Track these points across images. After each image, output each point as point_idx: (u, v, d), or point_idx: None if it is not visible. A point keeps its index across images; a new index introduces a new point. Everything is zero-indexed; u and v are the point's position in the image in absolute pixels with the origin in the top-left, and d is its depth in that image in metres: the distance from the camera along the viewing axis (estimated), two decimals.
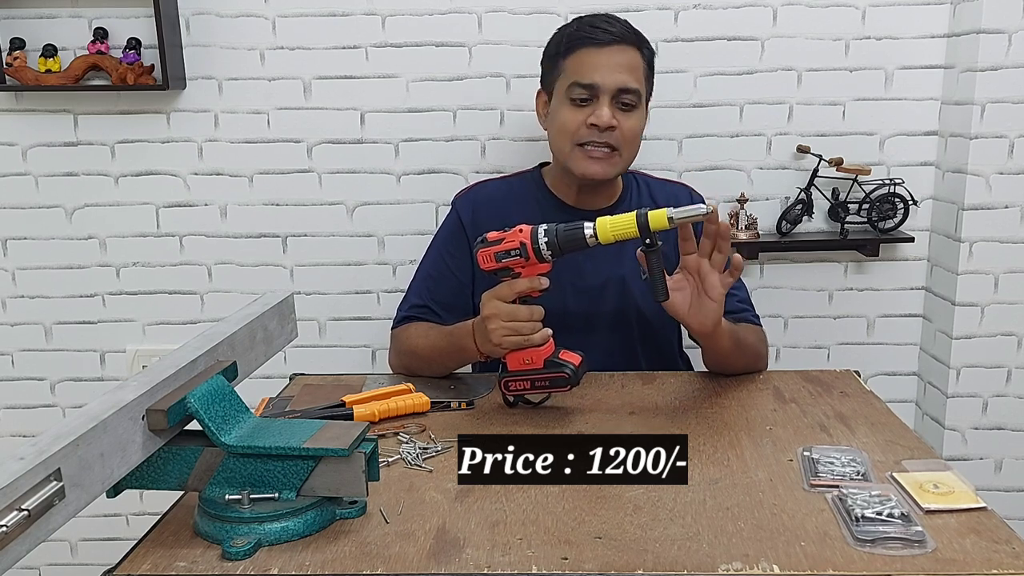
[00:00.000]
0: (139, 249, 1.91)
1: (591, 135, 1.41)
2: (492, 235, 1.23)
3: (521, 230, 1.20)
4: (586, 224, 1.17)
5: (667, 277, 1.21)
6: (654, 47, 1.78)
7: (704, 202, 1.38)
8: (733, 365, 1.40)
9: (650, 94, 1.50)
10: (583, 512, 0.95)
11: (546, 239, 1.19)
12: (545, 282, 1.22)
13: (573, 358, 1.25)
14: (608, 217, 1.17)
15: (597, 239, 1.17)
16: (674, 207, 1.15)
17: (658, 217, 1.14)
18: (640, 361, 1.53)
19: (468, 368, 1.66)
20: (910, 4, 1.78)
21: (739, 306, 1.48)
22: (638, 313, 1.51)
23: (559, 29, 1.49)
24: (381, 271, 1.92)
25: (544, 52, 1.52)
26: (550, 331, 1.24)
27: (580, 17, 1.48)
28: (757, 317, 1.50)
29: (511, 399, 1.27)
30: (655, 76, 1.51)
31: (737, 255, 1.22)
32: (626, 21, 1.47)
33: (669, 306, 1.24)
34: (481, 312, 1.26)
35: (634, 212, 1.15)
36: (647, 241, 1.16)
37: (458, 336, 1.37)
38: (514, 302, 1.23)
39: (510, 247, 1.20)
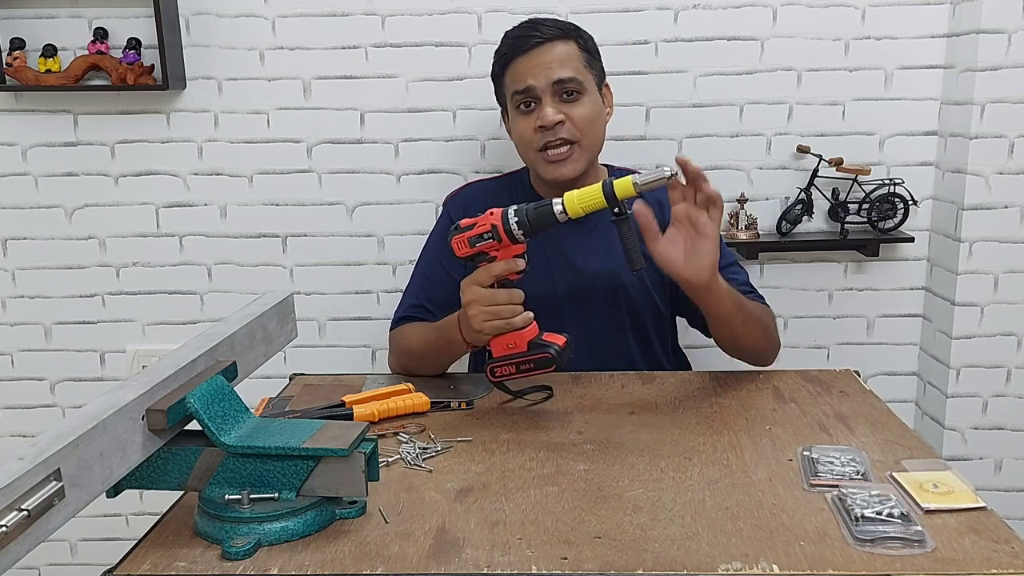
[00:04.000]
0: (139, 249, 1.91)
1: (544, 137, 1.43)
2: (464, 222, 1.23)
3: (492, 213, 1.21)
4: (555, 200, 1.18)
5: (647, 242, 1.22)
6: (654, 47, 1.80)
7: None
8: (742, 334, 1.38)
9: (601, 78, 1.50)
10: (583, 512, 0.95)
11: (516, 219, 1.19)
12: (521, 263, 1.22)
13: (557, 339, 1.24)
14: (575, 191, 1.17)
15: (567, 213, 1.17)
16: (641, 176, 1.14)
17: (623, 185, 1.14)
18: (634, 356, 1.52)
19: (467, 368, 1.67)
20: (910, 4, 1.78)
21: (741, 288, 1.47)
22: (630, 306, 1.51)
23: (495, 51, 1.51)
24: (381, 271, 1.92)
25: (491, 76, 1.54)
26: (531, 314, 1.24)
27: (507, 31, 1.50)
28: (762, 298, 1.49)
29: (503, 384, 1.26)
30: (602, 60, 1.51)
31: (714, 191, 1.21)
32: (551, 20, 1.48)
33: (664, 262, 1.24)
34: (461, 300, 1.26)
35: (600, 183, 1.15)
36: (616, 210, 1.16)
37: (446, 328, 1.37)
38: (492, 286, 1.23)
39: (482, 231, 1.20)
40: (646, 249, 1.22)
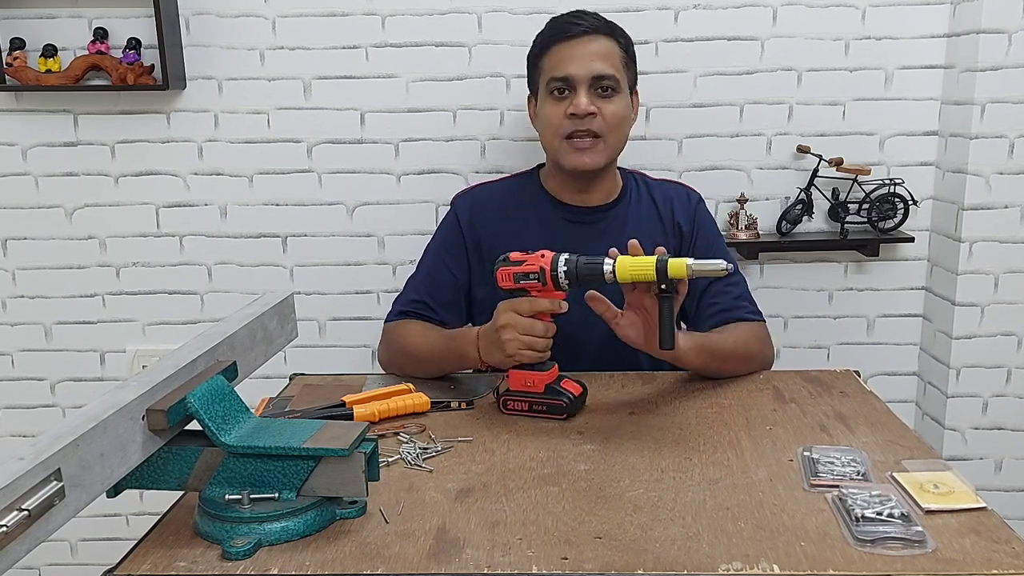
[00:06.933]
0: (139, 249, 1.91)
1: (573, 125, 1.43)
2: (515, 255, 1.23)
3: (543, 255, 1.21)
4: (606, 260, 1.18)
5: (609, 324, 1.24)
6: (654, 47, 1.80)
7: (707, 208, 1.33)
8: (721, 372, 1.39)
9: (634, 82, 1.52)
10: (583, 512, 0.95)
11: (565, 268, 1.19)
12: (565, 306, 1.22)
13: (574, 388, 1.25)
14: (629, 257, 1.17)
15: (615, 276, 1.17)
16: (697, 261, 1.13)
17: (677, 266, 1.13)
18: (637, 353, 1.52)
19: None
20: (910, 4, 1.78)
21: (734, 303, 1.47)
22: None
23: (537, 34, 1.52)
24: (381, 271, 1.92)
25: (526, 58, 1.54)
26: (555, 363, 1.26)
27: (553, 17, 1.51)
28: (757, 313, 1.49)
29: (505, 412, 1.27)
30: (637, 65, 1.53)
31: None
32: (597, 14, 1.49)
33: (628, 342, 1.25)
34: (496, 321, 1.25)
35: (655, 257, 1.15)
36: (662, 287, 1.16)
37: (460, 343, 1.36)
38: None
39: (529, 270, 1.21)
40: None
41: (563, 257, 1.20)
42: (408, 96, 1.84)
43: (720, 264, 1.13)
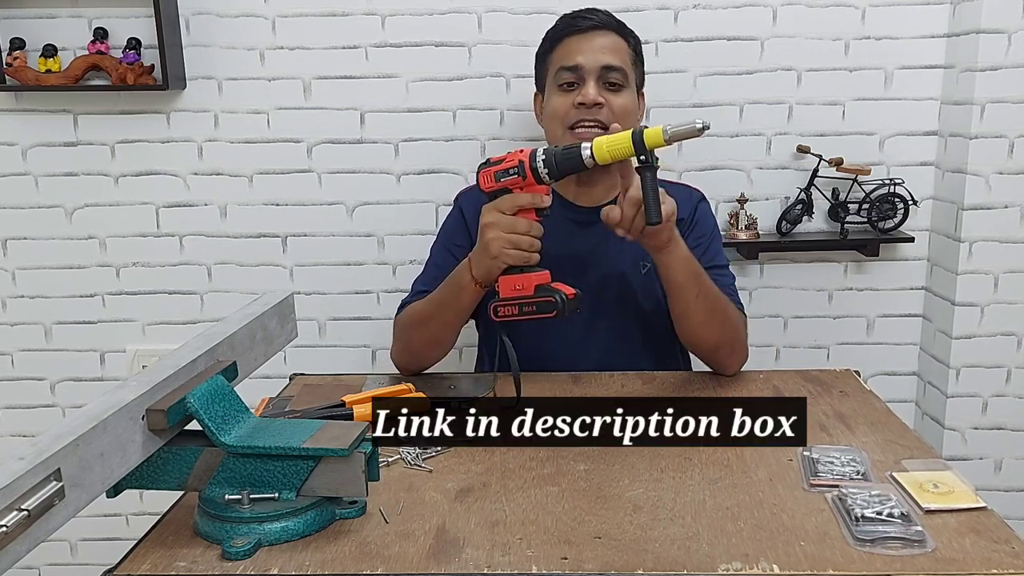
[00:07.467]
0: (139, 249, 1.91)
1: (580, 115, 1.44)
2: (494, 157, 1.24)
3: (522, 151, 1.21)
4: (583, 144, 1.18)
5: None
6: (654, 47, 1.80)
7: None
8: (695, 312, 1.34)
9: (641, 80, 1.53)
10: (583, 512, 0.95)
11: (544, 157, 1.19)
12: (547, 200, 1.21)
13: (567, 289, 1.22)
14: (605, 137, 1.16)
15: (594, 159, 1.16)
16: (672, 126, 1.13)
17: (654, 134, 1.13)
18: (640, 357, 1.52)
19: (469, 368, 1.67)
20: (910, 4, 1.78)
21: (723, 291, 1.46)
22: (636, 309, 1.50)
23: (547, 30, 1.53)
24: (381, 271, 1.92)
25: (535, 55, 1.55)
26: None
27: (564, 14, 1.53)
28: (742, 308, 1.46)
29: (498, 323, 1.24)
30: (645, 66, 1.54)
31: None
32: (608, 11, 1.51)
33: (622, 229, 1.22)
34: (480, 222, 1.25)
35: (630, 130, 1.15)
36: (642, 158, 1.15)
37: (455, 276, 1.35)
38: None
39: (509, 166, 1.21)
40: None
41: (541, 148, 1.20)
42: (408, 96, 1.84)
43: (696, 124, 1.12)
